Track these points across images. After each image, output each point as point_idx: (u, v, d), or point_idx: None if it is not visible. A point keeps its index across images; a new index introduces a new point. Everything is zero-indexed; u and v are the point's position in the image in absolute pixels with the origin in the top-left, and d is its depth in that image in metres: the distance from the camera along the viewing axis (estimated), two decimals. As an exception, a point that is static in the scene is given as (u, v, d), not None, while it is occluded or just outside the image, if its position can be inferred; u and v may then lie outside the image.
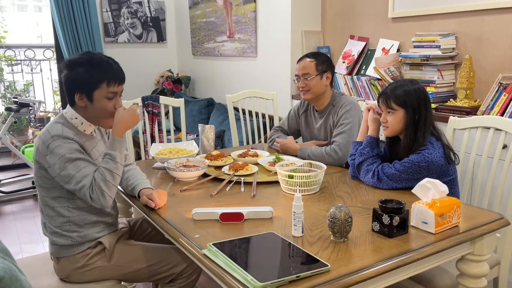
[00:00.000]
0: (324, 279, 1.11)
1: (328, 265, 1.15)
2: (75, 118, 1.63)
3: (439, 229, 1.37)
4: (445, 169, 1.74)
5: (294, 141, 2.44)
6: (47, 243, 1.73)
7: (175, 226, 1.47)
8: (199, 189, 1.86)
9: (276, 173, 1.89)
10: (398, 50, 2.95)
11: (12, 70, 5.94)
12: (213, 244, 1.27)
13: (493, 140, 1.95)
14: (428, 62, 2.60)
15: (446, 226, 1.39)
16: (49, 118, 6.10)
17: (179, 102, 2.96)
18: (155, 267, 1.69)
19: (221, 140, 3.85)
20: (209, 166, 2.11)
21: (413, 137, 1.77)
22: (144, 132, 2.99)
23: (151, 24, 5.12)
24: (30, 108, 4.06)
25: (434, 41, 2.62)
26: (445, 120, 2.17)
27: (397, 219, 1.34)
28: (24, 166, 4.72)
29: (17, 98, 4.14)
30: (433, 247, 1.31)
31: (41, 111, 5.95)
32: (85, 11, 4.55)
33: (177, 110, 3.02)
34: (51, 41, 5.01)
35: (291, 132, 2.61)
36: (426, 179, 1.45)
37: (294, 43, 3.50)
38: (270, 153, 2.35)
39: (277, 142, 2.48)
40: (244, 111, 3.18)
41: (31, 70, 5.94)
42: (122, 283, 1.72)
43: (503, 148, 1.93)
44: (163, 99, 3.01)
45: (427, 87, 2.59)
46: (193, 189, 1.85)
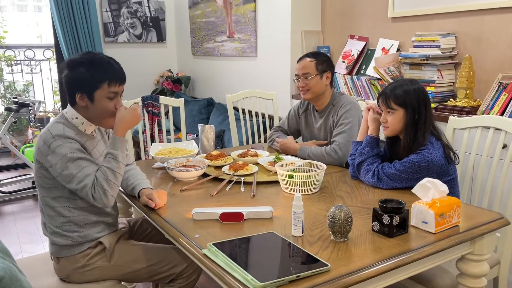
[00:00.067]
0: (324, 279, 1.11)
1: (328, 265, 1.15)
2: (75, 118, 1.63)
3: (439, 229, 1.37)
4: (445, 168, 1.74)
5: (294, 141, 2.44)
6: (47, 243, 1.73)
7: (175, 226, 1.47)
8: (199, 189, 1.86)
9: (276, 173, 1.89)
10: (398, 49, 2.95)
11: (12, 70, 5.93)
12: (213, 244, 1.27)
13: (493, 139, 1.95)
14: (428, 61, 2.60)
15: (446, 225, 1.39)
16: (49, 118, 6.09)
17: (179, 102, 2.96)
18: (155, 267, 1.69)
19: (221, 140, 3.85)
20: (209, 166, 2.11)
21: (413, 136, 1.77)
22: (144, 132, 2.99)
23: (150, 24, 5.12)
24: (30, 108, 4.06)
25: (434, 41, 2.62)
26: (445, 119, 2.17)
27: (397, 218, 1.34)
28: (24, 166, 4.71)
29: (17, 98, 4.14)
30: (433, 246, 1.31)
31: (41, 111, 5.95)
32: (84, 11, 4.55)
33: (177, 110, 3.02)
34: (51, 41, 5.01)
35: (291, 132, 2.61)
36: (426, 179, 1.45)
37: (294, 43, 3.50)
38: (270, 153, 2.35)
39: (277, 142, 2.48)
40: (244, 111, 3.18)
41: (31, 70, 5.94)
42: (122, 283, 1.72)
43: (503, 147, 1.93)
44: (163, 99, 3.01)
45: (427, 87, 2.59)
46: (193, 189, 1.85)
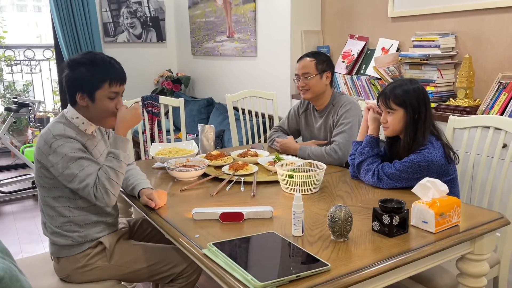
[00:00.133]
0: (324, 279, 1.11)
1: (328, 265, 1.15)
2: (76, 117, 1.63)
3: (439, 229, 1.37)
4: (445, 168, 1.74)
5: (294, 140, 2.44)
6: (47, 243, 1.73)
7: (175, 226, 1.47)
8: (199, 189, 1.86)
9: (276, 172, 1.89)
10: (397, 49, 2.95)
11: (11, 70, 5.93)
12: (213, 243, 1.27)
13: (493, 139, 1.95)
14: (427, 61, 2.60)
15: (446, 225, 1.39)
16: (48, 118, 6.09)
17: (179, 102, 2.96)
18: (155, 267, 1.69)
19: (221, 140, 3.85)
20: (209, 166, 2.11)
21: (413, 136, 1.77)
22: (144, 132, 2.99)
23: (150, 24, 5.12)
24: (29, 108, 4.06)
25: (433, 41, 2.62)
26: (445, 119, 2.17)
27: (397, 218, 1.34)
28: (23, 166, 4.72)
29: (16, 98, 4.14)
30: (433, 246, 1.31)
31: (41, 111, 5.95)
32: (84, 11, 4.55)
33: (176, 110, 3.02)
34: (51, 41, 5.00)
35: (291, 131, 2.61)
36: (426, 179, 1.45)
37: (293, 42, 3.50)
38: (270, 152, 2.35)
39: (277, 141, 2.47)
40: (243, 110, 3.18)
41: (31, 70, 5.94)
42: (122, 283, 1.72)
43: (503, 147, 1.93)
44: (163, 99, 3.01)
45: (427, 87, 2.59)
46: (193, 189, 1.85)
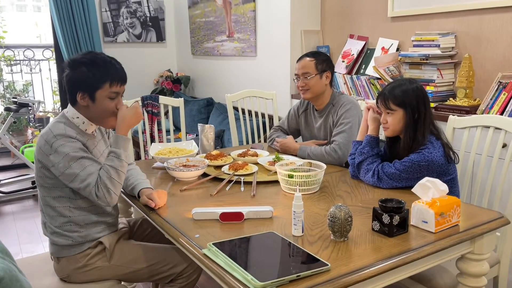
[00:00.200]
0: (324, 279, 1.11)
1: (328, 265, 1.15)
2: (76, 117, 1.63)
3: (439, 228, 1.37)
4: (445, 168, 1.74)
5: (293, 140, 2.44)
6: (47, 243, 1.73)
7: (175, 226, 1.47)
8: (199, 189, 1.86)
9: (276, 172, 1.89)
10: (397, 49, 2.95)
11: (11, 70, 5.93)
12: (213, 243, 1.27)
13: (493, 139, 1.95)
14: (427, 61, 2.60)
15: (446, 225, 1.39)
16: (48, 118, 6.09)
17: (179, 102, 2.96)
18: (155, 267, 1.69)
19: (221, 139, 3.85)
20: (209, 165, 2.11)
21: (413, 136, 1.77)
22: (143, 132, 2.99)
23: (150, 23, 5.12)
24: (29, 108, 4.06)
25: (433, 40, 2.62)
26: (445, 119, 2.17)
27: (397, 218, 1.34)
28: (23, 166, 4.72)
29: (16, 98, 4.14)
30: (433, 246, 1.31)
31: (41, 111, 5.95)
32: (84, 11, 4.55)
33: (176, 110, 3.02)
34: (50, 41, 5.00)
35: (290, 131, 2.61)
36: (426, 178, 1.45)
37: (293, 42, 3.50)
38: (269, 152, 2.35)
39: (277, 141, 2.47)
40: (243, 110, 3.18)
41: (30, 70, 5.94)
42: (122, 283, 1.72)
43: (503, 147, 1.93)
44: (163, 99, 3.01)
45: (427, 86, 2.59)
46: (193, 189, 1.85)
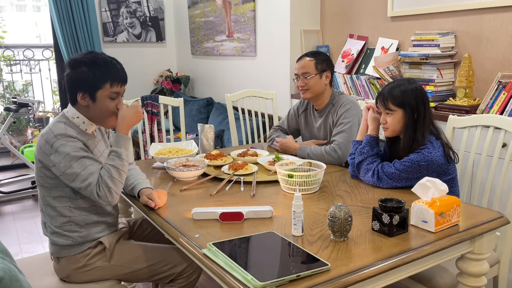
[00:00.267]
0: (324, 278, 1.11)
1: (328, 264, 1.15)
2: (76, 117, 1.63)
3: (439, 228, 1.37)
4: (445, 168, 1.74)
5: (293, 140, 2.44)
6: (47, 243, 1.73)
7: (175, 226, 1.47)
8: (198, 189, 1.86)
9: (275, 172, 1.89)
10: (397, 49, 2.94)
11: (11, 70, 5.93)
12: (213, 243, 1.27)
13: (493, 138, 1.95)
14: (427, 61, 2.59)
15: (446, 225, 1.39)
16: (48, 118, 6.09)
17: (179, 101, 2.96)
18: (155, 267, 1.69)
19: (221, 139, 3.85)
20: (209, 165, 2.11)
21: (412, 136, 1.77)
22: (143, 132, 2.99)
23: (150, 23, 5.11)
24: (29, 108, 4.05)
25: (433, 40, 2.62)
26: (445, 119, 2.17)
27: (397, 218, 1.34)
28: (23, 166, 4.72)
29: (16, 98, 4.14)
30: (433, 246, 1.31)
31: (40, 111, 5.95)
32: (83, 11, 4.55)
33: (176, 109, 3.02)
34: (50, 41, 5.00)
35: (290, 131, 2.61)
36: (426, 178, 1.45)
37: (293, 42, 3.50)
38: (269, 152, 2.35)
39: (277, 141, 2.47)
40: (243, 110, 3.18)
41: (30, 70, 5.94)
42: (122, 283, 1.72)
43: (503, 146, 1.93)
44: (163, 99, 3.01)
45: (427, 86, 2.59)
46: (192, 189, 1.85)
